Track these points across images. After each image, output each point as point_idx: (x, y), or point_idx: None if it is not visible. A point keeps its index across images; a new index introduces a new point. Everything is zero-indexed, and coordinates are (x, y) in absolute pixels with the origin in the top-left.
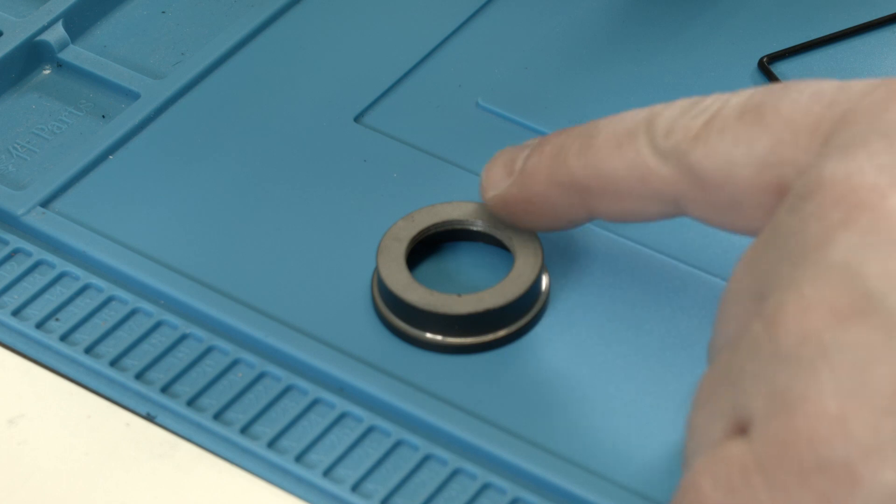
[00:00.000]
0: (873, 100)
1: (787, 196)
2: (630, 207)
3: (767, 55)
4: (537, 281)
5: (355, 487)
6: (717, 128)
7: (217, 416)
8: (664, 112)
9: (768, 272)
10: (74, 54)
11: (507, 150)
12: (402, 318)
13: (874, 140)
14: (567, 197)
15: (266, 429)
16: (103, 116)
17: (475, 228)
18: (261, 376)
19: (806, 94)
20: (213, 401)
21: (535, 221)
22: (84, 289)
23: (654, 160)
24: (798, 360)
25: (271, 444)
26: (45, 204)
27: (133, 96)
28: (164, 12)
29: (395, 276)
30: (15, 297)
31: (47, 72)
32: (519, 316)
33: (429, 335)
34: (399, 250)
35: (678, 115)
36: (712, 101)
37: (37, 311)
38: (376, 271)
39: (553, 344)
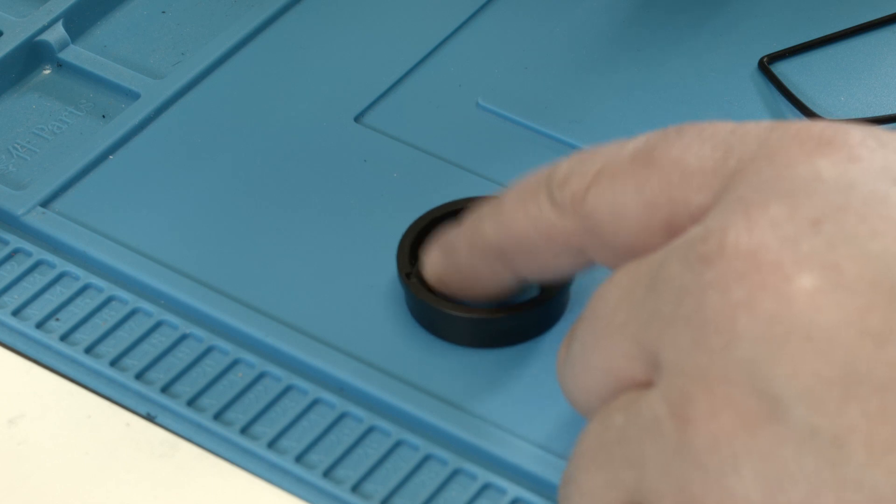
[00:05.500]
0: (770, 148)
1: (678, 239)
2: (545, 263)
3: (767, 55)
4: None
5: (355, 488)
6: (609, 173)
7: (217, 416)
8: (563, 164)
9: (658, 327)
10: (74, 54)
11: (444, 232)
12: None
13: (775, 203)
14: (488, 263)
15: (266, 429)
16: (103, 116)
17: None
18: (261, 376)
19: (698, 137)
20: (213, 401)
21: (470, 291)
22: (84, 289)
23: (552, 213)
24: (708, 469)
25: (271, 444)
26: (45, 204)
27: (133, 96)
28: (164, 12)
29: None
30: (15, 297)
31: (47, 72)
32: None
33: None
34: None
35: (575, 165)
36: (608, 149)
37: (37, 311)
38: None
39: (555, 345)
